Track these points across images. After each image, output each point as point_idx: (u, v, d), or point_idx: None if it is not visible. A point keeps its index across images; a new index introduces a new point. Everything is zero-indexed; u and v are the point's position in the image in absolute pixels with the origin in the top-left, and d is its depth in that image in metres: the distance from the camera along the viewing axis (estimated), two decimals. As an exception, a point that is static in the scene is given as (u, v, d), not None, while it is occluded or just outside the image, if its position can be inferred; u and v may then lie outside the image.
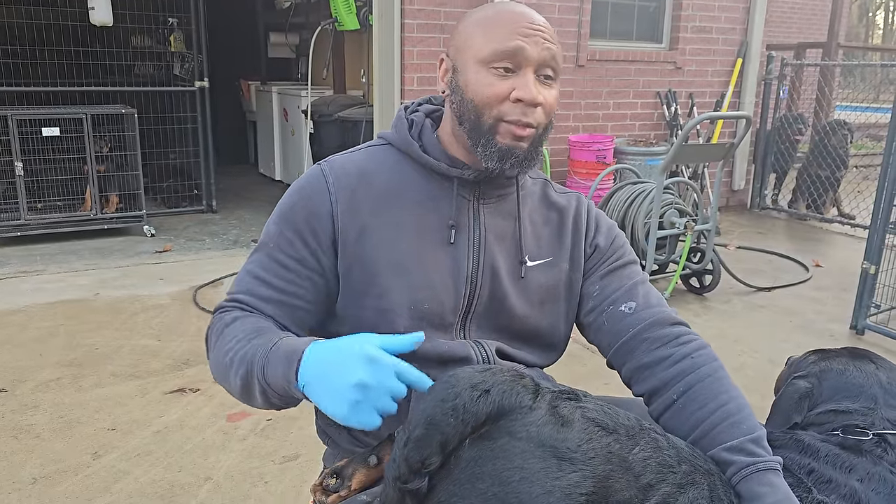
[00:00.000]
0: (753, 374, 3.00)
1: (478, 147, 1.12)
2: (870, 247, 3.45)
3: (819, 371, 1.31)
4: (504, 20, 1.10)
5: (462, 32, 1.14)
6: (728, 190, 6.46)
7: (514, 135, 1.10)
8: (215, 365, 1.08)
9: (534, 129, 1.11)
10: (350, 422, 0.90)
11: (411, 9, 4.62)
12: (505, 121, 1.09)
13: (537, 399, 0.88)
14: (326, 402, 0.91)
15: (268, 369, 0.97)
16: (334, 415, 0.90)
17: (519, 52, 1.08)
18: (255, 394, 1.01)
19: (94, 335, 3.23)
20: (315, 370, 0.92)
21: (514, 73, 1.09)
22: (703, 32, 5.87)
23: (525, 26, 1.09)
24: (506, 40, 1.08)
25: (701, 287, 4.07)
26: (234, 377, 1.02)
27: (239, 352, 1.02)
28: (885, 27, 27.38)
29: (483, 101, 1.09)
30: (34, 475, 2.17)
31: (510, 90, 1.08)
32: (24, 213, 4.59)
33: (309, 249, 1.12)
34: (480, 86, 1.09)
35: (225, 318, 1.10)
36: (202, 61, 5.53)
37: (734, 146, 3.86)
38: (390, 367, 0.91)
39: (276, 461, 2.28)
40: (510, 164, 1.11)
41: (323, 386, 0.91)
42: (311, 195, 1.14)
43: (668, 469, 0.89)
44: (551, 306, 1.24)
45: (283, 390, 0.97)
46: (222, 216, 5.69)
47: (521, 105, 1.08)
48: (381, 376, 0.89)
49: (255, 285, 1.12)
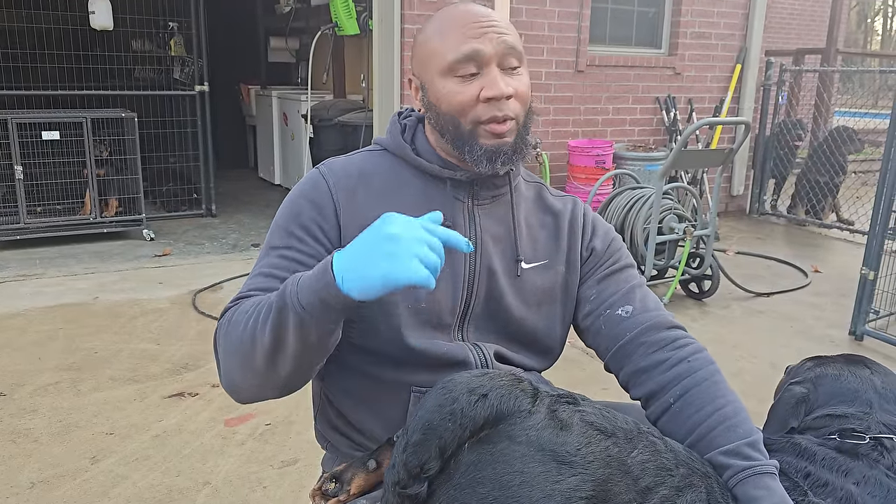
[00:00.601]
0: (752, 380, 3.00)
1: (465, 154, 1.13)
2: (868, 252, 3.45)
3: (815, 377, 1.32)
4: (453, 26, 1.11)
5: (419, 49, 1.16)
6: (727, 195, 6.47)
7: (494, 133, 1.11)
8: (231, 352, 1.02)
9: (513, 121, 1.12)
10: (395, 275, 0.86)
11: (411, 14, 4.63)
12: (482, 122, 1.10)
13: (536, 403, 0.88)
14: (365, 270, 0.88)
15: (301, 294, 0.93)
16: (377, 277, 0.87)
17: (475, 53, 1.09)
18: (289, 337, 0.95)
19: (93, 339, 3.23)
20: (347, 256, 0.91)
21: (479, 74, 1.10)
22: (703, 38, 5.89)
23: (474, 26, 1.10)
24: (459, 45, 1.09)
25: (700, 292, 4.07)
26: (263, 336, 0.96)
27: (258, 314, 0.98)
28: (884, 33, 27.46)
29: (457, 110, 1.11)
30: (32, 479, 2.16)
31: (479, 91, 1.09)
32: (23, 216, 4.59)
33: (320, 244, 1.13)
34: (450, 95, 1.11)
35: (230, 314, 1.06)
36: (202, 65, 5.54)
37: (733, 152, 3.87)
38: (416, 221, 0.90)
39: (274, 466, 2.27)
40: (500, 161, 1.13)
41: (359, 259, 0.89)
42: (315, 196, 1.15)
43: (667, 472, 0.89)
44: (548, 308, 1.24)
45: (321, 307, 0.92)
46: (222, 220, 5.69)
47: (494, 102, 1.09)
48: (410, 227, 0.89)
49: (266, 282, 1.09)
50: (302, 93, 6.10)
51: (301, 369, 1.01)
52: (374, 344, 1.15)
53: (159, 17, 5.80)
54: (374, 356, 1.16)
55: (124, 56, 5.70)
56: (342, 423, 1.23)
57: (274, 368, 0.99)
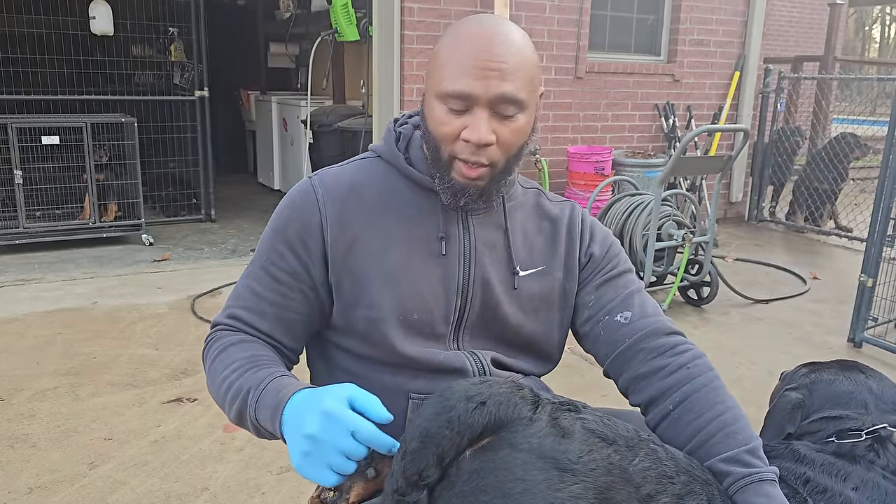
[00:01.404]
0: (751, 387, 3.00)
1: (436, 179, 1.13)
2: (867, 260, 3.46)
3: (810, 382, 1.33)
4: (461, 54, 1.05)
5: (432, 57, 1.12)
6: (726, 202, 6.48)
7: (464, 174, 1.09)
8: (212, 388, 1.11)
9: (486, 168, 1.09)
10: (303, 473, 0.92)
11: (411, 20, 4.64)
12: (458, 158, 1.09)
13: (537, 410, 0.88)
14: (289, 449, 0.94)
15: (259, 413, 1.01)
16: (293, 463, 0.93)
17: (467, 95, 1.04)
18: (249, 427, 1.06)
19: (91, 344, 3.23)
20: (289, 417, 0.96)
21: (467, 112, 1.06)
22: (701, 45, 5.91)
23: (480, 65, 1.03)
24: (456, 81, 1.04)
25: (699, 299, 4.07)
26: (230, 409, 1.07)
27: (234, 384, 1.06)
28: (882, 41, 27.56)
29: (439, 137, 1.09)
30: (30, 485, 2.16)
31: (462, 129, 1.06)
32: (22, 221, 4.59)
33: (301, 262, 1.13)
34: (435, 121, 1.09)
35: (222, 341, 1.13)
36: (202, 71, 5.55)
37: (732, 158, 3.88)
38: (345, 424, 0.90)
39: (273, 472, 2.27)
40: (464, 200, 1.11)
41: (289, 433, 0.95)
42: (302, 208, 1.15)
43: (668, 480, 0.89)
44: (545, 314, 1.24)
45: (272, 430, 1.00)
46: (221, 225, 5.69)
47: (472, 145, 1.06)
48: (332, 432, 0.89)
49: (250, 300, 1.15)
50: (302, 98, 6.11)
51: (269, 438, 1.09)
52: (369, 352, 1.15)
53: (159, 22, 5.82)
54: (371, 364, 1.16)
55: (124, 61, 5.71)
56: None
57: (244, 426, 1.08)
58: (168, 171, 5.95)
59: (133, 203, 5.00)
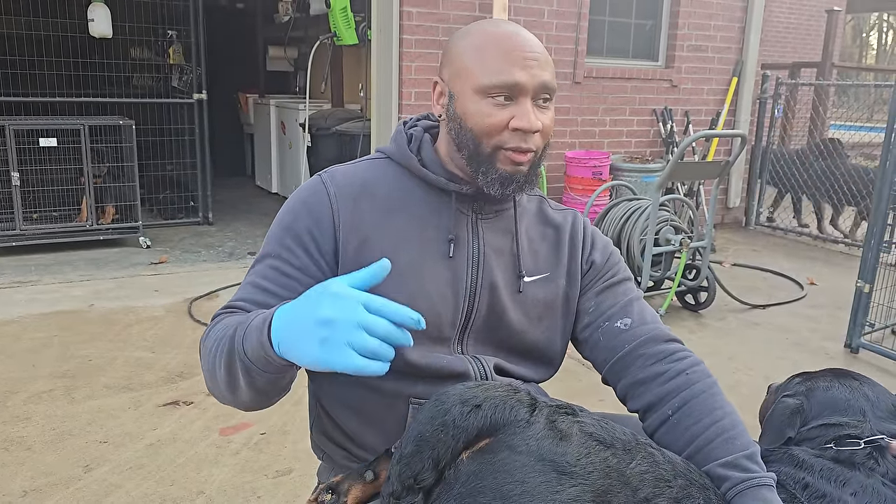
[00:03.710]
0: (748, 392, 3.00)
1: (478, 174, 1.13)
2: (864, 265, 3.46)
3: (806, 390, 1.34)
4: (500, 49, 1.09)
5: (456, 58, 1.13)
6: (723, 207, 6.49)
7: (513, 161, 1.11)
8: (205, 369, 1.06)
9: (533, 153, 1.12)
10: (328, 363, 0.83)
11: (410, 24, 4.65)
12: (504, 148, 1.10)
13: (534, 413, 0.89)
14: (298, 351, 0.86)
15: (246, 344, 0.95)
16: (309, 360, 0.85)
17: (515, 85, 1.08)
18: (240, 377, 0.98)
19: (87, 347, 3.22)
20: (283, 324, 0.89)
21: (513, 102, 1.09)
22: (699, 51, 5.93)
23: (521, 56, 1.09)
24: (503, 73, 1.08)
25: (696, 304, 4.07)
26: (220, 368, 1.00)
27: (221, 345, 1.01)
28: (879, 48, 27.66)
29: (482, 131, 1.10)
30: (25, 488, 2.15)
31: (509, 119, 1.09)
32: (19, 223, 4.58)
33: (311, 258, 1.12)
34: (480, 116, 1.10)
35: (213, 324, 1.09)
36: (201, 74, 5.55)
37: (729, 164, 3.89)
38: (355, 299, 0.84)
39: (269, 475, 2.26)
40: (512, 188, 1.13)
41: (292, 334, 0.87)
42: (313, 205, 1.14)
43: (665, 483, 0.89)
44: (549, 321, 1.24)
45: (263, 361, 0.93)
46: (218, 228, 5.68)
47: (520, 133, 1.09)
48: (345, 309, 0.83)
49: (254, 293, 1.11)
50: (300, 102, 6.11)
51: (259, 400, 1.04)
52: None
53: (158, 25, 5.82)
54: None
55: (123, 64, 5.71)
56: (339, 433, 1.22)
57: (234, 395, 1.03)
58: (166, 174, 5.94)
59: (130, 205, 4.99)
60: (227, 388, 1.02)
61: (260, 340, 0.92)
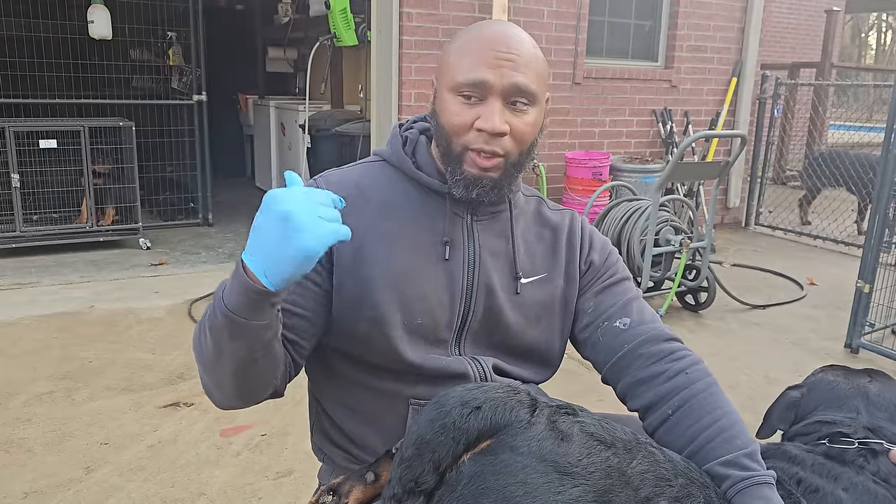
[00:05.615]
0: (748, 392, 3.00)
1: (447, 173, 1.13)
2: (864, 265, 3.47)
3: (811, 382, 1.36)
4: (476, 48, 1.09)
5: (443, 57, 1.15)
6: (723, 207, 6.50)
7: (479, 165, 1.10)
8: (195, 356, 1.04)
9: (501, 159, 1.10)
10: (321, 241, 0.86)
11: (409, 25, 4.65)
12: (471, 149, 1.10)
13: (535, 413, 0.89)
14: (287, 258, 0.87)
15: (226, 297, 0.93)
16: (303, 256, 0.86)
17: (482, 83, 1.07)
18: (224, 341, 0.95)
19: (88, 348, 3.22)
20: (257, 253, 0.89)
21: (481, 102, 1.08)
22: (699, 51, 5.93)
23: (494, 56, 1.07)
24: (471, 71, 1.07)
25: (696, 304, 4.07)
26: (206, 341, 0.98)
27: (205, 316, 0.99)
28: (878, 48, 27.67)
29: (451, 129, 1.10)
30: (26, 490, 2.15)
31: (475, 119, 1.08)
32: (19, 224, 4.58)
33: None
34: (449, 113, 1.10)
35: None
36: (200, 75, 5.55)
37: (729, 164, 3.89)
38: (291, 188, 0.89)
39: (270, 477, 2.26)
40: (476, 192, 1.12)
41: (271, 252, 0.87)
42: None
43: (665, 482, 0.90)
44: (547, 322, 1.24)
45: (242, 305, 0.91)
46: (218, 230, 5.68)
47: (485, 134, 1.08)
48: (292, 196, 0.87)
49: None
50: (300, 103, 6.11)
51: (248, 380, 1.01)
52: (371, 358, 1.15)
53: (158, 26, 5.82)
54: (372, 369, 1.16)
55: (122, 65, 5.70)
56: (339, 435, 1.22)
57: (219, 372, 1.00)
58: (166, 175, 5.94)
59: (131, 207, 4.99)
60: (213, 363, 0.99)
61: (242, 284, 0.90)
